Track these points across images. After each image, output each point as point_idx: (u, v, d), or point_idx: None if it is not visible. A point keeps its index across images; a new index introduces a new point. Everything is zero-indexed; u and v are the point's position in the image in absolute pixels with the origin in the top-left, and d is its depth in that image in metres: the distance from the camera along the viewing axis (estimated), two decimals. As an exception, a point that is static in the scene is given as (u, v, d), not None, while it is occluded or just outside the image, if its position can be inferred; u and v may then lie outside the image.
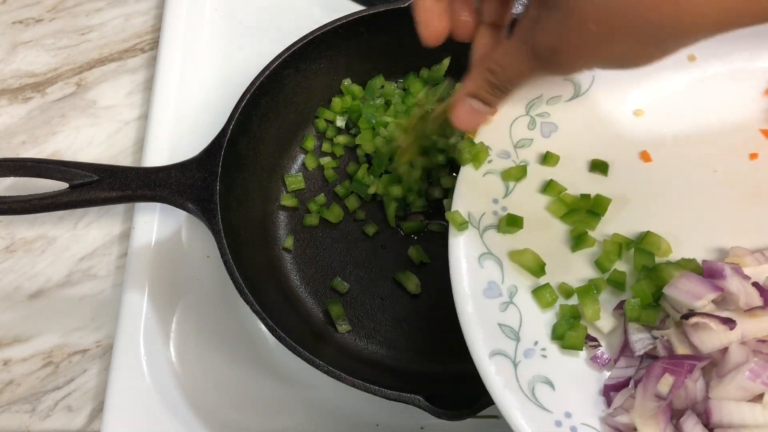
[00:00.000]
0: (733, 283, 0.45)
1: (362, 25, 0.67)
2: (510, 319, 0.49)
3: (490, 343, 0.47)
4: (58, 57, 0.82)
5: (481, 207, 0.52)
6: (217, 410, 0.64)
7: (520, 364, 0.47)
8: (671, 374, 0.43)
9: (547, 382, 0.47)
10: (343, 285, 0.67)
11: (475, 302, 0.49)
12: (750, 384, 0.41)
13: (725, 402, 0.42)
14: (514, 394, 0.46)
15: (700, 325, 0.44)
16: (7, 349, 0.69)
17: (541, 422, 0.45)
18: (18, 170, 0.60)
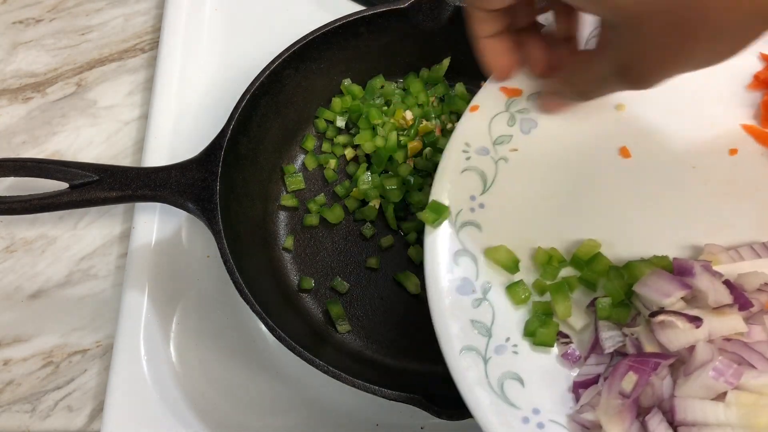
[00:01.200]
0: (702, 281, 0.45)
1: (362, 25, 0.67)
2: (483, 316, 0.49)
3: (461, 338, 0.47)
4: (58, 57, 0.82)
5: (459, 203, 0.52)
6: (217, 410, 0.64)
7: (491, 360, 0.47)
8: (635, 372, 0.43)
9: (517, 378, 0.47)
10: (343, 285, 0.67)
11: (448, 299, 0.48)
12: (713, 383, 0.41)
13: (689, 400, 0.42)
14: (484, 391, 0.46)
15: (667, 323, 0.44)
16: (7, 349, 0.69)
17: (508, 418, 0.45)
18: (18, 170, 0.60)
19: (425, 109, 0.70)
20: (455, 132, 0.53)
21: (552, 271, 0.50)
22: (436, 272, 0.49)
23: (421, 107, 0.70)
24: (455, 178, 0.52)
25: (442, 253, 0.50)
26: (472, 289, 0.49)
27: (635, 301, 0.48)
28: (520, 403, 0.46)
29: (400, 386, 0.55)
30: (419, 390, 0.55)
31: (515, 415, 0.45)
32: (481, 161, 0.53)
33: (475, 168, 0.53)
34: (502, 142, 0.54)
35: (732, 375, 0.41)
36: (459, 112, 0.71)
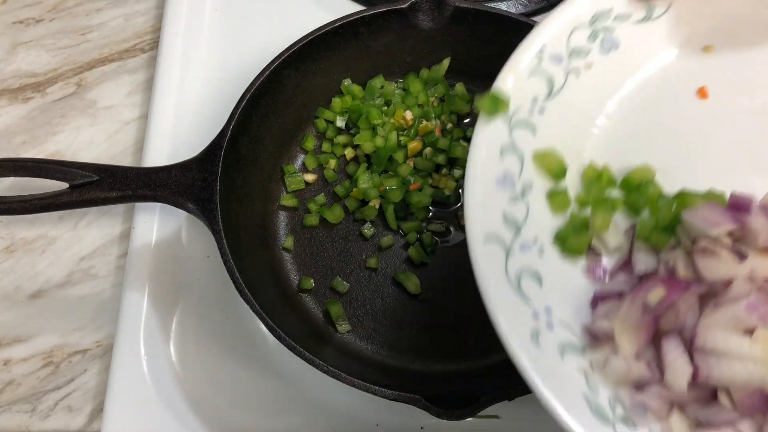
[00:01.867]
0: (757, 219, 0.42)
1: (362, 25, 0.67)
2: (516, 212, 0.47)
3: (488, 224, 0.45)
4: (58, 57, 0.82)
5: (519, 102, 0.50)
6: (217, 410, 0.64)
7: (513, 254, 0.45)
8: (665, 287, 0.41)
9: (536, 276, 0.45)
10: (343, 285, 0.67)
11: (486, 187, 0.47)
12: (745, 316, 0.39)
13: (714, 329, 0.40)
14: (498, 279, 0.44)
15: (709, 251, 0.41)
16: (7, 349, 0.69)
17: (518, 310, 0.43)
18: (18, 170, 0.60)
19: (425, 109, 0.70)
20: (533, 33, 0.51)
21: (599, 189, 0.49)
22: (479, 161, 0.47)
23: (421, 107, 0.70)
24: (522, 77, 0.50)
25: (490, 144, 0.48)
26: (512, 185, 0.48)
27: (679, 230, 0.45)
28: (533, 299, 0.44)
29: (400, 386, 0.55)
30: (419, 390, 0.54)
31: (526, 308, 0.43)
32: (553, 68, 0.51)
33: (544, 72, 0.51)
34: (578, 55, 0.52)
35: (767, 313, 0.39)
36: (459, 112, 0.71)
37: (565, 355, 0.42)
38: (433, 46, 0.71)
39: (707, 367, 0.39)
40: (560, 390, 0.41)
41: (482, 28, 0.67)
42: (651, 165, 0.49)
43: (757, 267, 0.41)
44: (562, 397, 0.40)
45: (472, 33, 0.68)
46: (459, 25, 0.68)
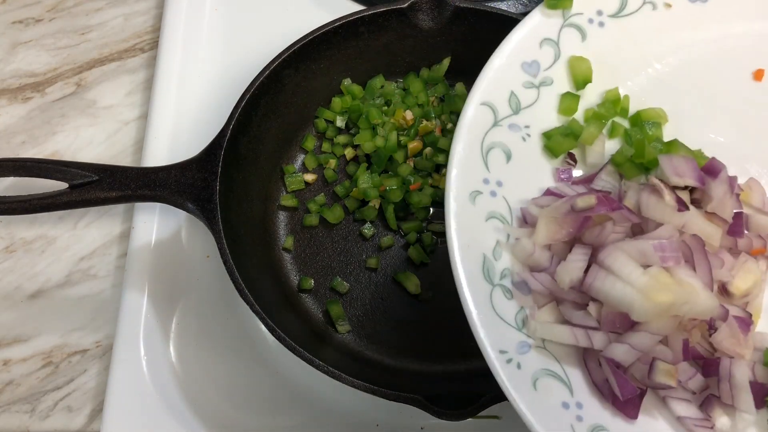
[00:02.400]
0: (718, 187, 0.45)
1: (362, 25, 0.67)
2: (525, 96, 0.50)
3: (494, 93, 0.49)
4: (58, 57, 0.82)
5: (582, 7, 0.52)
6: (217, 410, 0.64)
7: (500, 125, 0.49)
8: (597, 199, 0.43)
9: (507, 153, 0.49)
10: (343, 285, 0.67)
11: (511, 62, 0.50)
12: (650, 252, 0.41)
13: (619, 251, 0.42)
14: (473, 136, 0.48)
15: (658, 190, 0.44)
16: (7, 349, 0.69)
17: (474, 170, 0.47)
18: (18, 170, 0.60)
19: (425, 109, 0.70)
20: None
21: (609, 110, 0.51)
22: (517, 39, 0.50)
23: (421, 107, 0.70)
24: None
25: (536, 31, 0.51)
26: (536, 73, 0.50)
27: (652, 173, 0.48)
28: (493, 169, 0.47)
29: (400, 386, 0.55)
30: (419, 390, 0.55)
31: (484, 171, 0.47)
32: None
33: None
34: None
35: (670, 258, 0.41)
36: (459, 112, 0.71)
37: (490, 220, 0.46)
38: (433, 46, 0.71)
39: (594, 277, 0.42)
40: (466, 240, 0.45)
41: (482, 28, 0.67)
42: (666, 112, 0.51)
43: (691, 223, 0.44)
44: (464, 247, 0.44)
45: (472, 33, 0.68)
46: (459, 25, 0.68)
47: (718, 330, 0.43)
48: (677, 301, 0.41)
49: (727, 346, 0.43)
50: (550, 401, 0.42)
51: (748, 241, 0.47)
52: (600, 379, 0.43)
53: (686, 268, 0.42)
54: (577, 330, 0.43)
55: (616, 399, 0.42)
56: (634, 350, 0.41)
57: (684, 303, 0.41)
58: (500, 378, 0.43)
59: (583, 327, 0.43)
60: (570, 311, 0.44)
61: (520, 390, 0.42)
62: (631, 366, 0.43)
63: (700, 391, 0.44)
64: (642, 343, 0.41)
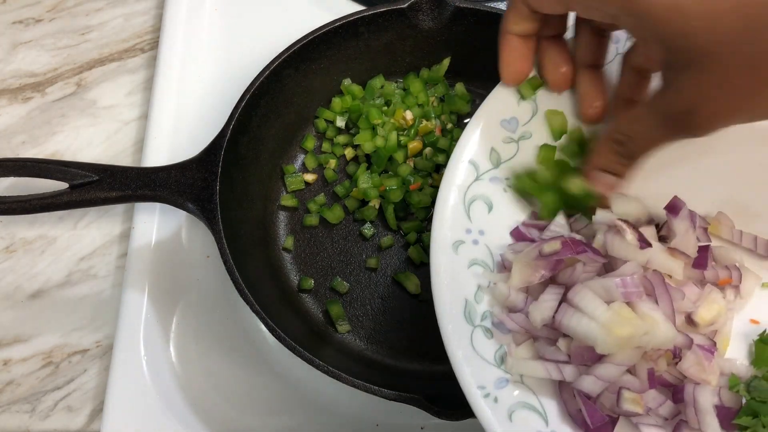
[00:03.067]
0: (680, 223, 0.48)
1: (362, 25, 0.67)
2: (505, 151, 0.53)
3: (475, 151, 0.53)
4: (58, 57, 0.82)
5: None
6: (217, 410, 0.64)
7: (481, 180, 0.52)
8: (562, 244, 0.46)
9: (488, 204, 0.52)
10: (343, 285, 0.67)
11: (491, 120, 0.53)
12: (613, 288, 0.44)
13: (586, 289, 0.45)
14: (458, 187, 0.51)
15: (620, 230, 0.46)
16: (7, 349, 0.69)
17: (457, 218, 0.51)
18: (18, 170, 0.60)
19: (425, 109, 0.70)
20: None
21: (572, 152, 0.53)
22: (496, 99, 0.53)
23: (421, 107, 0.70)
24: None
25: (511, 93, 0.53)
26: (515, 129, 0.53)
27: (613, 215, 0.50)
28: (475, 219, 0.51)
29: (400, 386, 0.55)
30: (419, 390, 0.55)
31: (465, 221, 0.51)
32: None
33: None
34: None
35: (632, 293, 0.44)
36: (459, 112, 0.71)
37: (472, 266, 0.50)
38: (433, 46, 0.71)
39: (563, 314, 0.45)
40: (449, 287, 0.48)
41: (482, 28, 0.67)
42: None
43: (654, 259, 0.46)
44: (446, 290, 0.48)
45: (472, 33, 0.68)
46: (459, 25, 0.68)
47: (683, 358, 0.46)
48: (637, 333, 0.43)
49: (693, 373, 0.45)
50: (526, 431, 0.45)
51: (714, 272, 0.49)
52: (574, 410, 0.46)
53: (648, 301, 0.45)
54: (549, 364, 0.46)
55: (588, 428, 0.45)
56: (600, 381, 0.44)
57: (644, 334, 0.43)
58: (477, 411, 0.45)
59: (554, 361, 0.46)
60: (544, 347, 0.47)
61: (496, 422, 0.45)
62: (601, 395, 0.45)
63: (672, 417, 0.46)
64: (608, 374, 0.44)
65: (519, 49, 0.49)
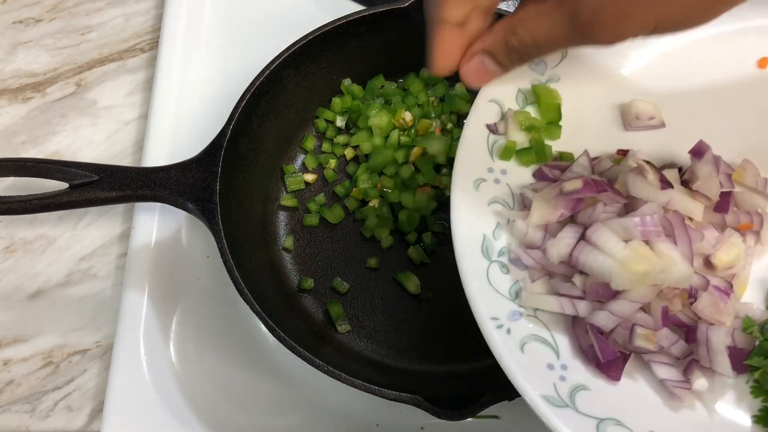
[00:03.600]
0: (704, 167, 0.48)
1: (362, 25, 0.67)
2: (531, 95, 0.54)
3: (495, 94, 0.53)
4: (58, 57, 0.82)
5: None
6: (217, 410, 0.64)
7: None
8: (583, 182, 0.46)
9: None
10: (343, 285, 0.67)
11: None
12: (632, 227, 0.45)
13: (605, 228, 0.45)
14: (478, 137, 0.52)
15: (642, 170, 0.47)
16: (7, 349, 0.69)
17: (480, 165, 0.51)
18: (18, 170, 0.60)
19: (425, 109, 0.70)
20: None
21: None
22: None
23: (421, 107, 0.70)
24: None
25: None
26: (542, 72, 0.54)
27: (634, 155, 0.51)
28: (497, 158, 0.52)
29: (400, 386, 0.55)
30: (419, 390, 0.54)
31: (488, 159, 0.52)
32: None
33: None
34: None
35: (651, 232, 0.44)
36: (459, 112, 0.71)
37: (492, 204, 0.50)
38: (433, 46, 0.70)
39: (580, 251, 0.45)
40: (467, 221, 0.49)
41: (482, 28, 0.67)
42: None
43: (675, 200, 0.47)
44: (465, 227, 0.49)
45: (472, 33, 0.68)
46: (459, 25, 0.68)
47: (699, 299, 0.46)
48: (653, 270, 0.43)
49: (708, 314, 0.46)
50: (536, 362, 0.46)
51: (736, 217, 0.49)
52: (586, 345, 0.46)
53: (666, 241, 0.45)
54: (564, 299, 0.46)
55: (599, 362, 0.45)
56: (614, 316, 0.44)
57: (660, 272, 0.44)
58: (490, 340, 0.46)
59: (569, 296, 0.46)
60: (559, 284, 0.47)
61: (507, 351, 0.45)
62: (613, 331, 0.46)
63: (683, 356, 0.46)
64: (622, 310, 0.44)
65: (453, 40, 0.47)
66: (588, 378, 0.46)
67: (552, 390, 0.44)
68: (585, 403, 0.44)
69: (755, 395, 0.45)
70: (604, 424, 0.43)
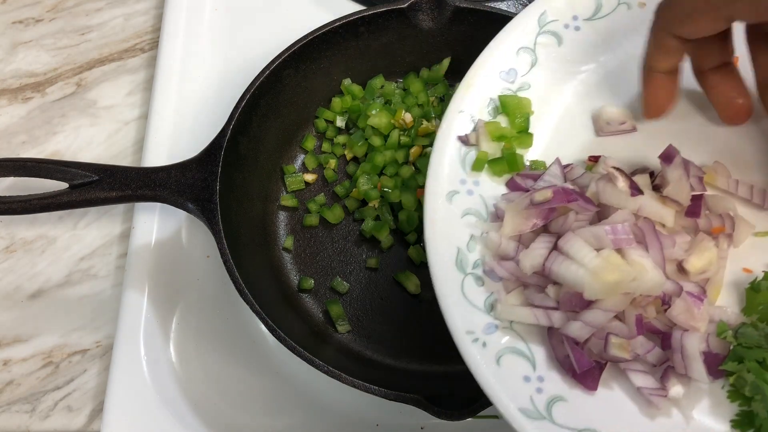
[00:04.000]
0: (673, 171, 0.48)
1: (362, 25, 0.67)
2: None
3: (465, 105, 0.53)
4: (58, 57, 0.82)
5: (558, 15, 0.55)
6: (217, 410, 0.64)
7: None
8: (553, 192, 0.47)
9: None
10: (343, 285, 0.67)
11: (486, 75, 0.54)
12: (603, 236, 0.45)
13: (576, 237, 0.45)
14: (449, 148, 0.52)
15: (612, 177, 0.47)
16: (7, 349, 0.69)
17: (452, 177, 0.51)
18: (18, 170, 0.60)
19: (425, 109, 0.70)
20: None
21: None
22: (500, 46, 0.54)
23: (421, 107, 0.70)
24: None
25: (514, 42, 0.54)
26: (512, 80, 0.55)
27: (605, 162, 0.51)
28: (469, 169, 0.52)
29: (400, 386, 0.55)
30: (419, 390, 0.55)
31: (461, 172, 0.52)
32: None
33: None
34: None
35: (622, 240, 0.45)
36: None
37: (465, 216, 0.50)
38: (433, 46, 0.71)
39: (552, 261, 0.45)
40: (441, 235, 0.49)
41: (482, 28, 0.67)
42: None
43: (645, 207, 0.47)
44: (439, 241, 0.49)
45: (472, 33, 0.68)
46: (459, 25, 0.68)
47: (672, 305, 0.46)
48: (625, 279, 0.43)
49: (682, 320, 0.46)
50: (512, 375, 0.46)
51: (708, 221, 0.49)
52: (562, 356, 0.46)
53: (638, 248, 0.45)
54: (538, 311, 0.46)
55: (575, 373, 0.45)
56: (587, 326, 0.45)
57: (632, 280, 0.44)
58: (465, 355, 0.46)
59: (543, 308, 0.46)
60: (533, 294, 0.47)
61: (483, 365, 0.45)
62: (588, 341, 0.46)
63: (659, 363, 0.46)
64: (595, 320, 0.44)
65: (664, 86, 0.48)
66: (564, 389, 0.46)
67: (528, 402, 0.45)
68: (562, 415, 0.44)
69: (732, 400, 0.45)
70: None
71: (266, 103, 0.66)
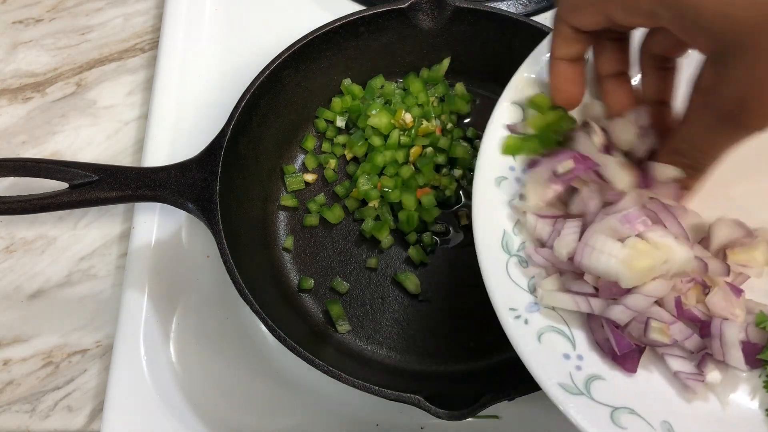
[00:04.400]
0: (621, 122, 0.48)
1: (362, 25, 0.67)
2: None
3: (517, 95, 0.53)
4: (58, 57, 0.82)
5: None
6: (217, 410, 0.64)
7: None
8: (575, 162, 0.47)
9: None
10: (343, 285, 0.67)
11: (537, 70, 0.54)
12: (619, 227, 0.45)
13: (598, 233, 0.46)
14: (501, 131, 0.53)
15: (589, 131, 0.48)
16: (7, 349, 0.69)
17: (501, 163, 0.52)
18: (18, 170, 0.60)
19: (425, 109, 0.70)
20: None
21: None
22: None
23: (421, 107, 0.70)
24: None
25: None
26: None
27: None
28: (519, 158, 0.53)
29: (399, 386, 0.55)
30: (419, 390, 0.55)
31: (507, 161, 0.52)
32: None
33: None
34: None
35: (638, 224, 0.45)
36: (459, 112, 0.71)
37: (512, 201, 0.51)
38: (433, 46, 0.71)
39: (582, 255, 0.46)
40: (488, 217, 0.50)
41: (482, 28, 0.67)
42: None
43: (608, 166, 0.47)
44: (486, 222, 0.50)
45: (472, 33, 0.68)
46: (459, 25, 0.68)
47: (711, 292, 0.47)
48: (656, 262, 0.44)
49: (720, 309, 0.47)
50: (553, 352, 0.46)
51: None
52: (601, 338, 0.47)
53: (657, 229, 0.46)
54: (578, 297, 0.47)
55: (615, 355, 0.46)
56: (629, 310, 0.45)
57: (663, 262, 0.45)
58: (507, 329, 0.47)
59: (582, 294, 0.47)
60: (571, 282, 0.48)
61: (524, 340, 0.46)
62: (628, 325, 0.47)
63: (697, 350, 0.47)
64: (636, 304, 0.45)
65: (568, 74, 0.49)
66: (603, 369, 0.46)
67: (568, 378, 0.45)
68: (600, 392, 0.45)
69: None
70: (618, 412, 0.44)
71: (266, 103, 0.66)
